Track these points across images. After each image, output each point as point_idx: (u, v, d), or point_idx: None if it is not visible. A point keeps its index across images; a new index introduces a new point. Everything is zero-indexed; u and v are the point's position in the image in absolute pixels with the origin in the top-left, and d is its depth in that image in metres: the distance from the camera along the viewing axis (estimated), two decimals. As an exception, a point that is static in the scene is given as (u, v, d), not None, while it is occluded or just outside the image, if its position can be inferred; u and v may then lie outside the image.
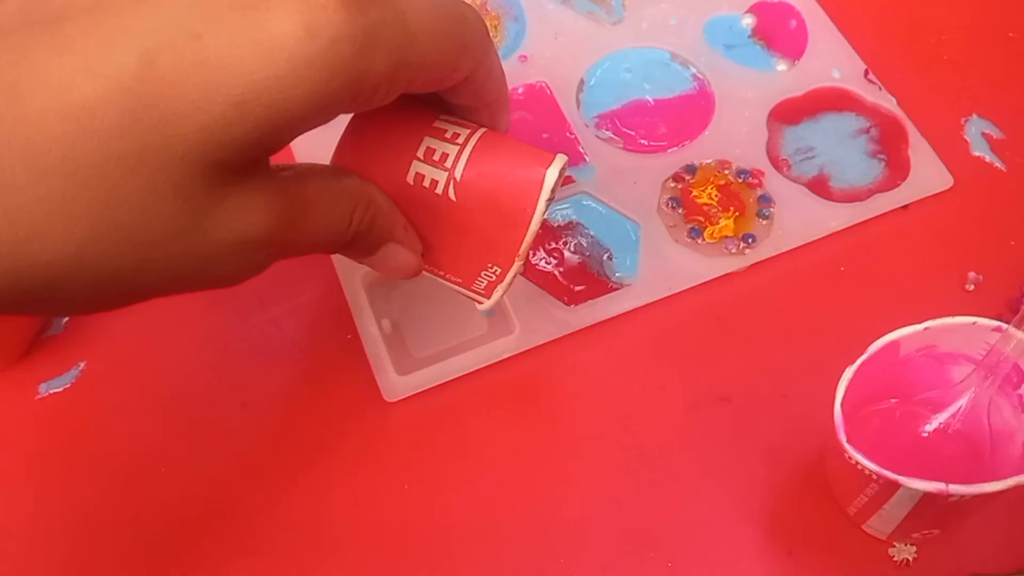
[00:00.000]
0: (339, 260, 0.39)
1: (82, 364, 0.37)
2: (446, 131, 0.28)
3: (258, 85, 0.20)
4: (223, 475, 0.35)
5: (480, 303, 0.31)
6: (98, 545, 0.34)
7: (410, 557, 0.33)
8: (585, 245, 0.39)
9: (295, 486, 0.34)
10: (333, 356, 0.37)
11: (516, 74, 0.44)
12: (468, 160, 0.28)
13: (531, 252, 0.39)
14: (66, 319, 0.38)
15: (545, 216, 0.28)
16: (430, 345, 0.37)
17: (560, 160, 0.28)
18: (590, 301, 0.38)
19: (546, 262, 0.39)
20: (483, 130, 0.29)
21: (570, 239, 0.39)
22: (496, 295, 0.30)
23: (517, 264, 0.29)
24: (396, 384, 0.36)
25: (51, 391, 0.37)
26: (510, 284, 0.30)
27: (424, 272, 0.30)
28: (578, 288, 0.38)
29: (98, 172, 0.19)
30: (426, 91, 0.26)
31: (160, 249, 0.21)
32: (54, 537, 0.34)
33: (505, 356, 0.37)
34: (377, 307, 0.38)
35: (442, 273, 0.30)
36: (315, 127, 0.22)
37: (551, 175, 0.28)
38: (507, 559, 0.33)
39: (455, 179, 0.28)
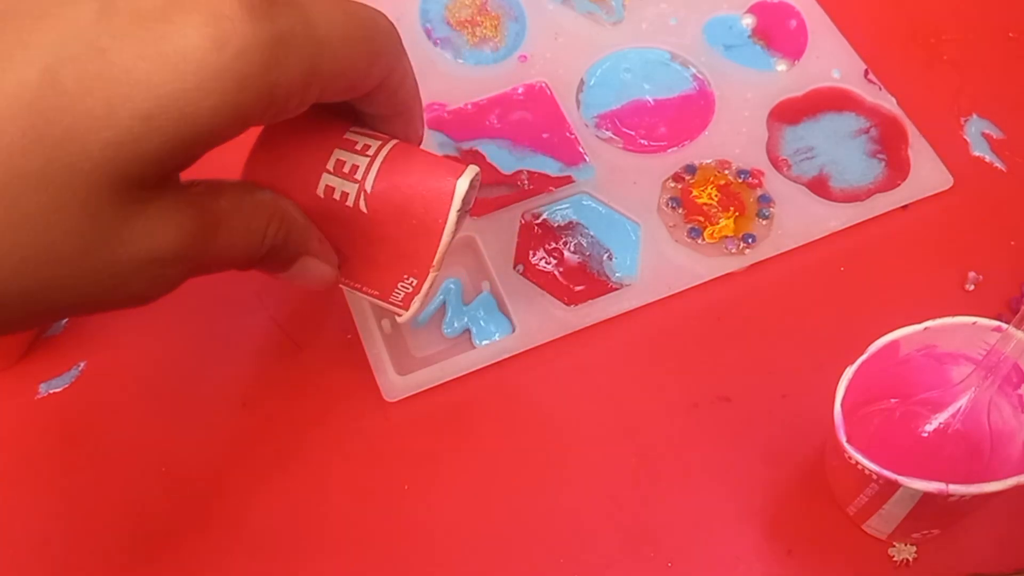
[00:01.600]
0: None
1: (82, 364, 0.37)
2: (356, 143, 0.28)
3: (165, 99, 0.19)
4: (223, 474, 0.35)
5: (399, 315, 0.31)
6: (98, 544, 0.34)
7: (410, 556, 0.33)
8: (585, 245, 0.39)
9: (295, 485, 0.34)
10: (333, 356, 0.37)
11: (516, 74, 0.44)
12: (379, 172, 0.27)
13: (531, 252, 0.39)
14: (65, 319, 0.38)
15: (456, 227, 0.28)
16: (430, 345, 0.37)
17: (471, 171, 0.28)
18: (590, 301, 0.38)
19: (546, 262, 0.39)
20: (394, 142, 0.28)
21: (570, 239, 0.39)
22: (414, 307, 0.30)
23: (432, 274, 0.29)
24: (396, 384, 0.36)
25: (51, 391, 0.37)
26: (427, 294, 0.30)
27: (342, 286, 0.30)
28: (578, 288, 0.38)
29: (1, 191, 0.19)
30: (339, 99, 0.25)
31: (67, 267, 0.20)
32: (54, 536, 0.34)
33: (505, 356, 0.37)
34: (377, 307, 0.38)
35: (359, 286, 0.30)
36: (226, 140, 0.22)
37: (461, 185, 0.28)
38: (507, 559, 0.33)
39: (366, 191, 0.27)
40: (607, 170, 0.41)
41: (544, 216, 0.40)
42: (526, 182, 0.41)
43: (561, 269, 0.39)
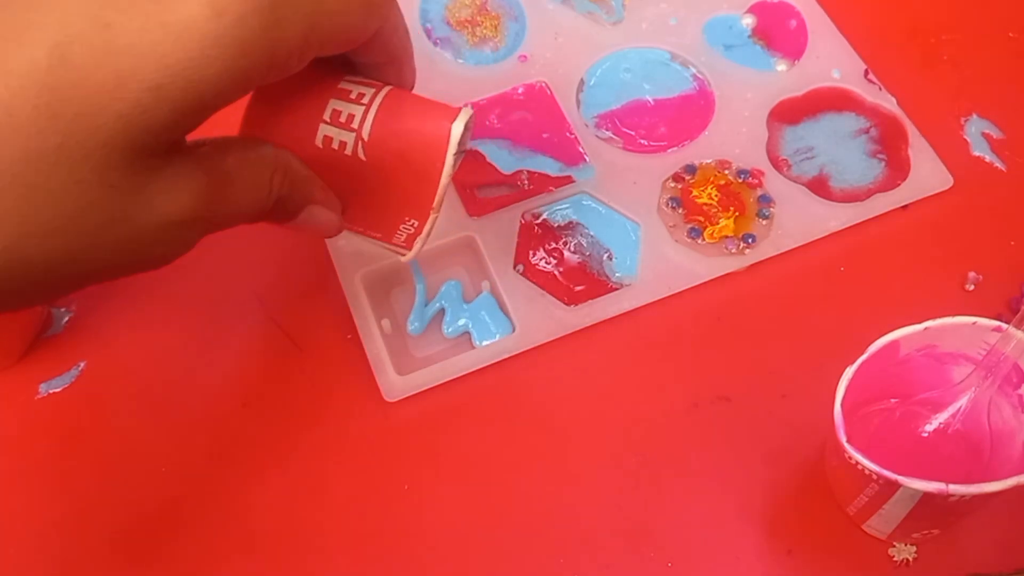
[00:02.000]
0: (339, 260, 0.39)
1: (82, 364, 0.37)
2: (351, 92, 0.28)
3: (172, 68, 0.20)
4: (223, 474, 0.35)
5: (402, 255, 0.31)
6: (97, 544, 0.34)
7: (410, 556, 0.33)
8: (585, 245, 0.39)
9: (295, 485, 0.34)
10: (333, 356, 0.37)
11: (516, 74, 0.44)
12: (375, 120, 0.28)
13: (531, 252, 0.39)
14: (66, 319, 0.38)
15: (453, 169, 0.29)
16: (430, 345, 0.37)
17: (465, 113, 0.29)
18: (590, 301, 0.38)
19: (546, 262, 0.39)
20: (388, 89, 0.29)
21: (570, 239, 0.39)
22: (417, 246, 0.31)
23: (433, 216, 0.30)
24: (396, 384, 0.36)
25: (51, 391, 0.37)
26: (428, 234, 0.31)
27: (346, 230, 0.31)
28: (578, 288, 0.38)
29: (21, 169, 0.19)
30: (335, 53, 0.26)
31: (90, 238, 0.21)
32: (53, 535, 0.34)
33: (505, 356, 0.37)
34: (377, 307, 0.38)
35: (362, 230, 0.31)
36: (231, 103, 0.23)
37: (456, 128, 0.28)
38: (507, 558, 0.33)
39: (363, 139, 0.28)
40: (607, 170, 0.41)
41: (544, 216, 0.40)
42: (526, 182, 0.41)
43: (561, 269, 0.39)
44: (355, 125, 0.28)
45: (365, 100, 0.28)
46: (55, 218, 0.20)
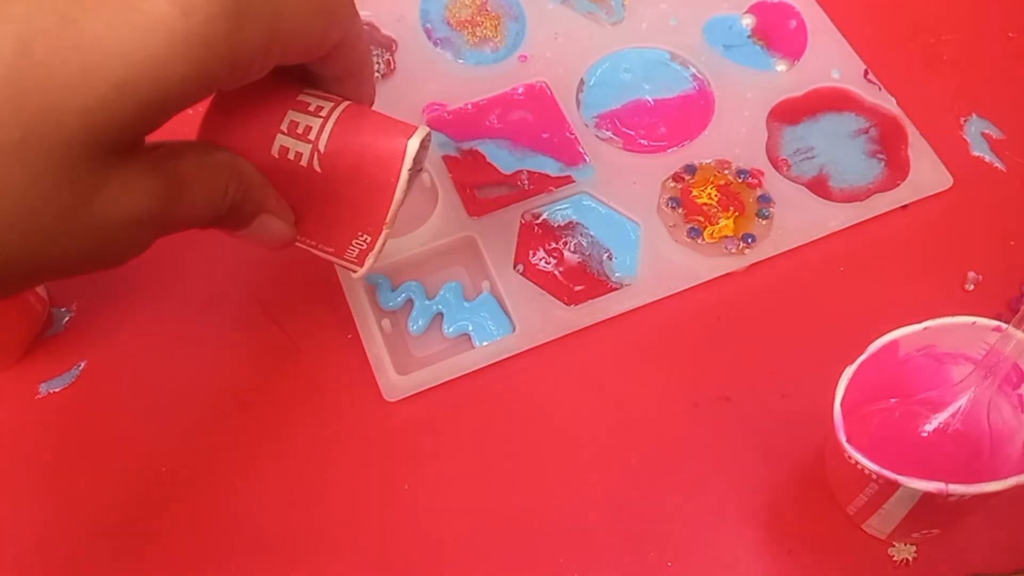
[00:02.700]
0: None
1: (82, 364, 0.37)
2: (309, 104, 0.28)
3: (137, 66, 0.20)
4: (224, 474, 0.35)
5: (354, 271, 0.31)
6: (97, 543, 0.34)
7: (410, 556, 0.33)
8: (585, 245, 0.39)
9: (296, 485, 0.34)
10: (333, 356, 0.37)
11: (516, 74, 0.44)
12: (331, 132, 0.28)
13: (531, 252, 0.39)
14: (66, 319, 0.38)
15: (408, 186, 0.29)
16: (430, 345, 0.37)
17: (421, 131, 0.29)
18: (590, 301, 0.38)
19: (546, 262, 0.39)
20: (347, 103, 0.29)
21: (570, 239, 0.39)
22: (368, 263, 0.31)
23: (385, 232, 0.30)
24: (396, 384, 0.36)
25: (51, 391, 0.37)
26: (380, 251, 0.31)
27: (298, 244, 0.31)
28: (578, 288, 0.38)
29: None
30: (297, 62, 0.26)
31: (47, 233, 0.21)
32: (54, 536, 0.34)
33: (505, 356, 0.37)
34: (377, 307, 0.38)
35: (314, 243, 0.31)
36: (193, 104, 0.23)
37: (412, 145, 0.29)
38: (507, 558, 0.33)
39: (319, 151, 0.28)
40: (607, 170, 0.41)
41: (544, 216, 0.40)
42: (526, 182, 0.41)
43: (561, 269, 0.39)
44: (312, 137, 0.28)
45: (323, 113, 0.28)
46: (13, 212, 0.20)
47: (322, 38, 0.26)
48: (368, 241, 0.30)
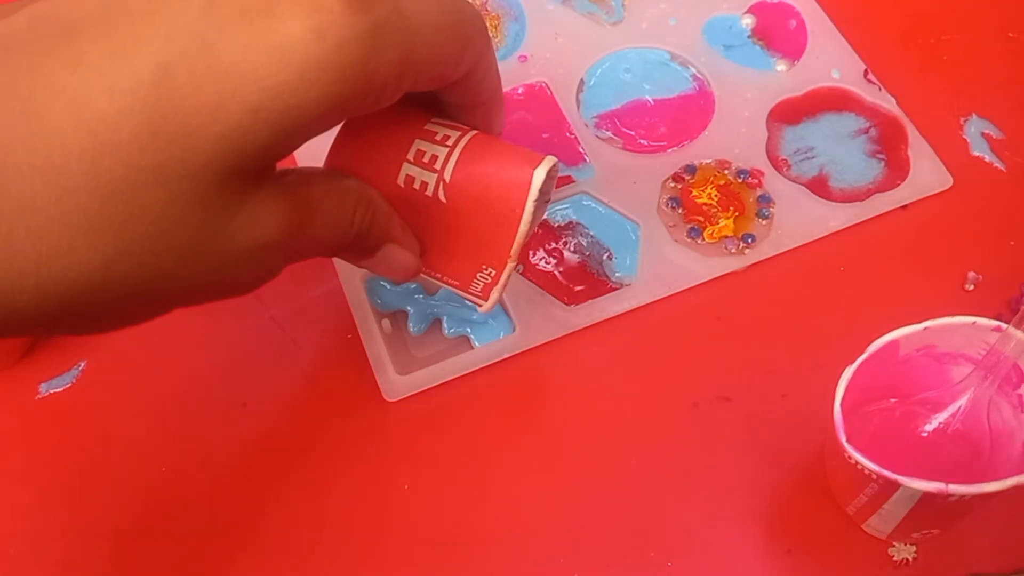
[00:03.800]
0: (339, 261, 0.39)
1: (82, 364, 0.37)
2: (436, 133, 0.28)
3: (272, 91, 0.20)
4: (224, 474, 0.35)
5: (480, 305, 0.31)
6: (98, 544, 0.34)
7: (410, 555, 0.33)
8: (585, 245, 0.39)
9: (296, 484, 0.35)
10: (334, 356, 0.37)
11: (516, 74, 0.44)
12: (457, 162, 0.28)
13: (531, 252, 0.39)
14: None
15: (543, 217, 0.28)
16: (430, 345, 0.37)
17: (548, 161, 0.28)
18: (590, 301, 0.38)
19: (546, 262, 0.39)
20: (473, 132, 0.29)
21: (570, 239, 0.39)
22: (493, 297, 0.30)
23: (510, 265, 0.29)
24: (396, 384, 0.36)
25: (51, 391, 0.37)
26: (505, 285, 0.30)
27: (423, 274, 0.31)
28: (578, 288, 0.38)
29: (120, 186, 0.19)
30: (428, 88, 0.26)
31: (181, 259, 0.21)
32: (54, 536, 0.34)
33: (505, 356, 0.37)
34: (377, 307, 0.38)
35: (439, 275, 0.31)
36: (325, 130, 0.23)
37: (539, 175, 0.28)
38: (507, 557, 0.33)
39: (444, 181, 0.28)
40: (607, 170, 0.41)
41: (544, 216, 0.40)
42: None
43: (561, 269, 0.39)
44: (438, 166, 0.28)
45: (450, 142, 0.28)
46: (149, 236, 0.20)
47: (455, 65, 0.26)
48: (492, 275, 0.30)
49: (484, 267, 0.30)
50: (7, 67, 0.19)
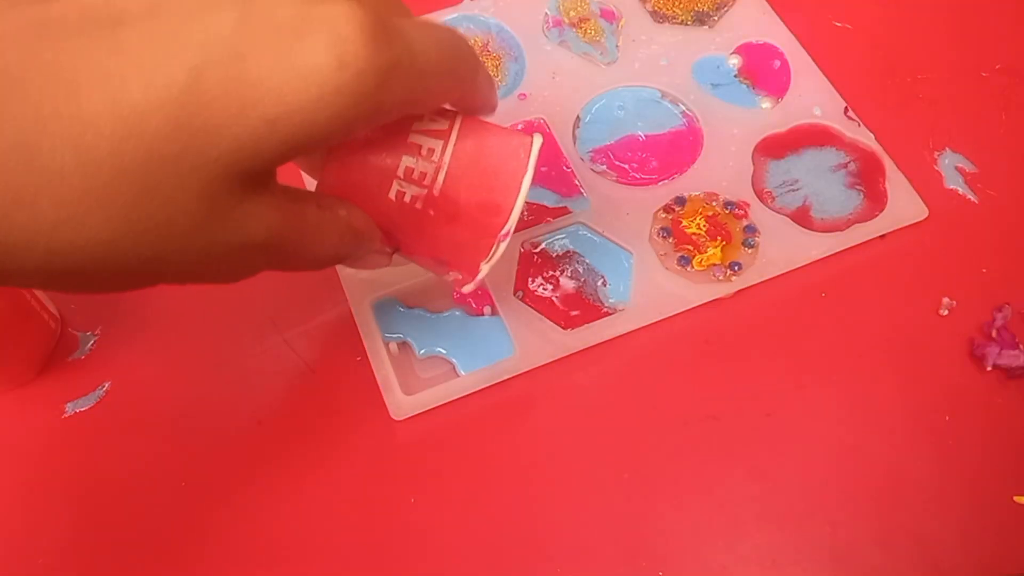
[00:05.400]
0: (349, 286, 0.41)
1: (106, 384, 0.39)
2: (421, 147, 0.29)
3: (290, 107, 0.22)
4: (240, 489, 0.36)
5: (468, 281, 0.32)
6: (119, 552, 0.35)
7: (415, 565, 0.35)
8: (581, 272, 0.41)
9: (309, 499, 0.36)
10: (344, 377, 0.39)
11: (516, 111, 0.46)
12: (445, 179, 0.29)
13: (530, 279, 0.41)
14: (91, 343, 0.40)
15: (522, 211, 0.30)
16: (435, 366, 0.39)
17: (538, 139, 0.30)
18: (586, 325, 0.39)
19: (544, 288, 0.41)
20: (454, 140, 0.30)
21: (566, 267, 0.41)
22: (465, 290, 0.32)
23: (485, 268, 0.31)
24: (403, 403, 0.38)
25: (76, 410, 0.38)
26: (475, 286, 0.32)
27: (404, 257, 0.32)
28: (574, 313, 0.40)
29: (141, 169, 0.21)
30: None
31: (178, 243, 0.22)
32: (78, 549, 0.35)
33: (506, 377, 0.38)
34: (385, 331, 0.39)
35: (419, 260, 0.32)
36: (329, 145, 0.25)
37: (536, 142, 0.30)
38: (505, 567, 0.35)
39: (434, 195, 0.30)
40: (602, 202, 0.43)
41: (543, 246, 0.42)
42: (525, 213, 0.43)
43: (558, 295, 0.41)
44: (427, 182, 0.29)
45: (435, 157, 0.29)
46: (154, 218, 0.21)
47: (449, 95, 0.28)
48: (458, 279, 0.31)
49: (481, 250, 0.31)
50: (55, 47, 0.21)
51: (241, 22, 0.22)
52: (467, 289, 0.32)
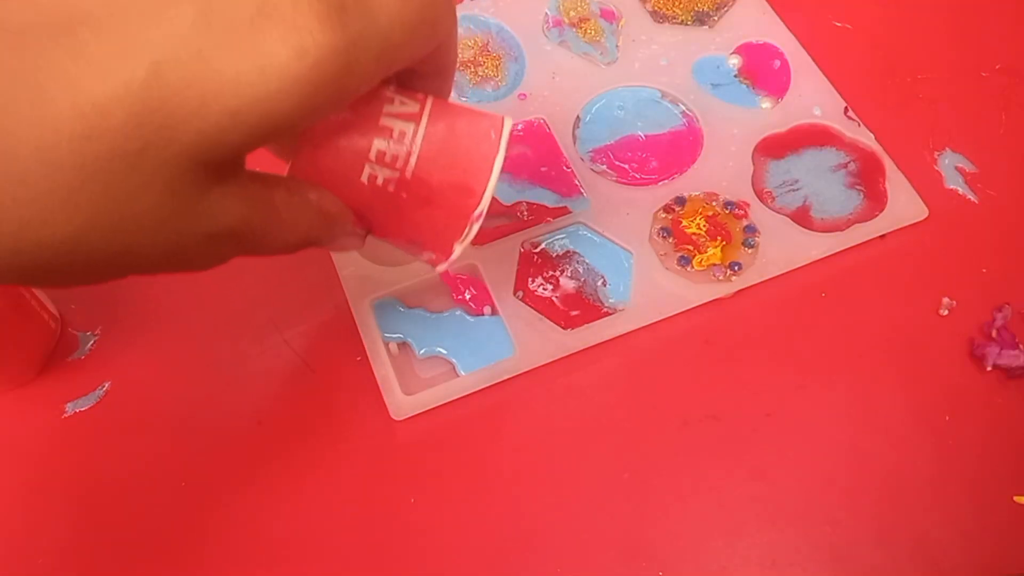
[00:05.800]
0: (349, 286, 0.41)
1: (106, 384, 0.39)
2: (392, 130, 0.29)
3: (251, 99, 0.22)
4: (240, 489, 0.36)
5: (442, 261, 0.32)
6: (120, 557, 0.35)
7: (414, 565, 0.35)
8: (581, 272, 0.41)
9: (309, 499, 0.36)
10: (344, 377, 0.39)
11: (516, 111, 0.46)
12: (417, 161, 0.29)
13: (530, 279, 0.41)
14: (91, 343, 0.40)
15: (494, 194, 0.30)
16: (435, 366, 0.39)
17: (508, 121, 0.30)
18: (586, 325, 0.40)
19: (544, 288, 0.41)
20: (425, 123, 0.29)
21: (567, 267, 0.41)
22: (457, 250, 0.31)
23: (459, 248, 0.31)
24: (403, 403, 0.38)
25: (76, 410, 0.38)
26: (448, 266, 0.31)
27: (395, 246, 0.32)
28: (574, 313, 0.40)
29: (103, 167, 0.21)
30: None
31: (145, 236, 0.23)
32: (78, 549, 0.35)
33: (506, 377, 0.38)
34: (385, 330, 0.40)
35: (396, 243, 0.32)
36: (297, 132, 0.25)
37: (507, 125, 0.30)
38: (505, 566, 0.35)
39: (406, 178, 0.29)
40: (602, 202, 0.43)
41: (543, 245, 0.42)
42: (525, 213, 0.43)
43: (558, 295, 0.41)
44: (399, 165, 0.29)
45: (406, 140, 0.29)
46: (121, 214, 0.22)
47: (423, 49, 0.27)
48: (431, 258, 0.31)
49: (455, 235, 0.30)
50: (17, 50, 0.21)
51: (200, 18, 0.22)
52: (440, 269, 0.32)
